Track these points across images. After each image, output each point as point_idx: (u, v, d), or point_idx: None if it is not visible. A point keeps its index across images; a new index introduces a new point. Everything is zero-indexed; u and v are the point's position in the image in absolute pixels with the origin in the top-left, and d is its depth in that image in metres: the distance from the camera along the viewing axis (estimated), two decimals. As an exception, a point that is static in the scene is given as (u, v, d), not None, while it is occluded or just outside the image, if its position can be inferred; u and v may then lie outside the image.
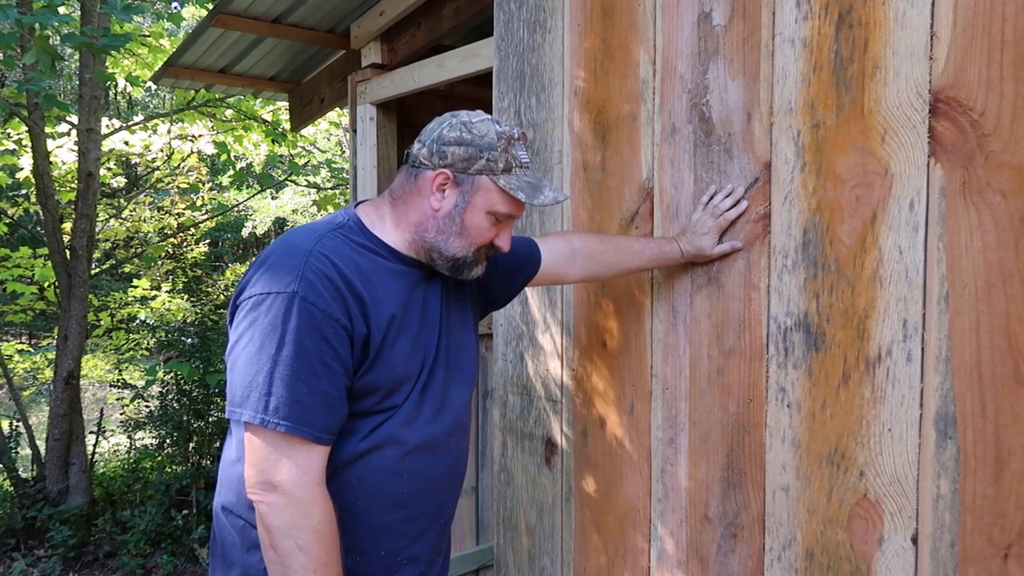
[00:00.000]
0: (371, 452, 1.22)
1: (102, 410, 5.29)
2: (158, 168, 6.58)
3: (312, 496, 1.12)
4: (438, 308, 1.33)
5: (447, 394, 1.32)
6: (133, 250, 7.27)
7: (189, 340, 4.82)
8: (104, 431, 4.95)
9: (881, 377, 1.30)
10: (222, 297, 7.72)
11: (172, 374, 4.52)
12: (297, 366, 1.10)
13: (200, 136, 6.03)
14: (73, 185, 5.20)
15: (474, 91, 3.53)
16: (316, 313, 1.12)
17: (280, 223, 10.25)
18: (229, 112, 5.69)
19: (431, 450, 1.29)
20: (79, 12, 4.57)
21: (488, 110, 2.15)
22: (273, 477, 1.11)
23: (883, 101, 1.29)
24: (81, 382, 4.69)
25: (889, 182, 1.28)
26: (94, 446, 4.72)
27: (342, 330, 1.14)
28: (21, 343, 7.35)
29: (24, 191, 5.94)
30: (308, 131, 7.40)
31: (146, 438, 4.96)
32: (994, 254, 1.17)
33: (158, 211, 7.34)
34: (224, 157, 5.84)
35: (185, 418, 4.46)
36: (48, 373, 6.07)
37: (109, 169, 6.12)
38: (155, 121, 5.83)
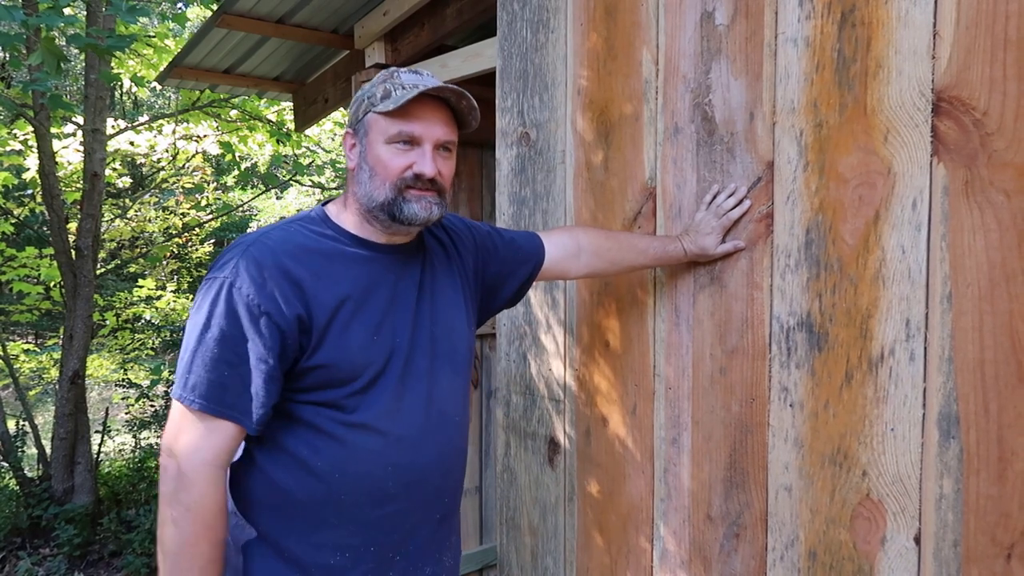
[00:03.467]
0: (348, 444, 1.20)
1: (107, 409, 5.31)
2: (163, 168, 6.60)
3: (197, 472, 1.13)
4: (413, 294, 1.30)
5: (434, 383, 1.29)
6: (138, 250, 7.30)
7: (194, 340, 4.82)
8: (109, 430, 4.97)
9: (884, 377, 1.30)
10: (227, 297, 7.70)
11: (177, 373, 4.53)
12: (216, 349, 1.13)
13: (205, 136, 6.05)
14: (79, 185, 5.22)
15: (478, 91, 3.51)
16: (241, 300, 1.14)
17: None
18: (234, 112, 5.70)
19: (418, 442, 1.26)
20: (84, 13, 4.58)
21: (492, 110, 2.15)
22: (174, 445, 1.14)
23: (886, 100, 1.29)
24: (86, 382, 4.70)
25: (892, 181, 1.28)
26: (99, 445, 4.74)
27: (265, 317, 1.14)
28: (27, 343, 7.37)
29: (30, 191, 5.97)
30: (312, 131, 7.42)
31: (151, 437, 4.98)
32: (997, 253, 1.17)
33: (163, 211, 7.36)
34: (229, 157, 5.85)
35: (190, 418, 4.47)
36: (54, 373, 6.10)
37: (114, 169, 6.15)
38: (160, 121, 5.85)
